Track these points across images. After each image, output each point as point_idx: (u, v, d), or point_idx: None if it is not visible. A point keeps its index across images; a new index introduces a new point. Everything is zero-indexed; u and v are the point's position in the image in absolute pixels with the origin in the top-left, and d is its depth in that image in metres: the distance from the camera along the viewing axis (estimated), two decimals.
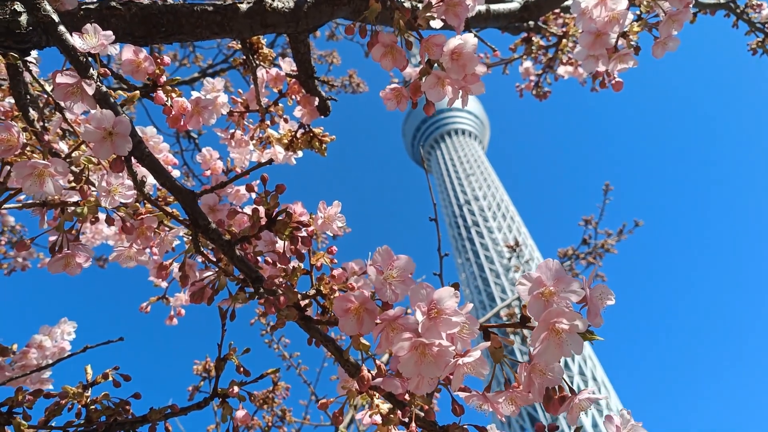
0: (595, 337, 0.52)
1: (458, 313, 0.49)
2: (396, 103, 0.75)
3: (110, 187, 0.65)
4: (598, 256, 3.01)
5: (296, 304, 0.59)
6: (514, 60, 1.81)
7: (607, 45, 0.79)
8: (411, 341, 0.48)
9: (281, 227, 0.61)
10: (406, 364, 0.49)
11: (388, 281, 0.52)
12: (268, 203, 0.61)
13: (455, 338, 0.50)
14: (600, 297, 0.51)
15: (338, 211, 0.82)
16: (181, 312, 1.28)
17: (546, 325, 0.48)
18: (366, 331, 0.52)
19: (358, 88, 3.10)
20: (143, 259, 0.74)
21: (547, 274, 0.49)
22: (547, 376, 0.52)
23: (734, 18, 1.70)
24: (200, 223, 0.63)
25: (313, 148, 1.15)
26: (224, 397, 0.78)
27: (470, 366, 0.50)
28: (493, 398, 0.52)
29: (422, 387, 0.55)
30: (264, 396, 1.61)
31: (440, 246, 1.40)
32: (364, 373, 0.55)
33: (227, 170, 1.17)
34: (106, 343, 1.09)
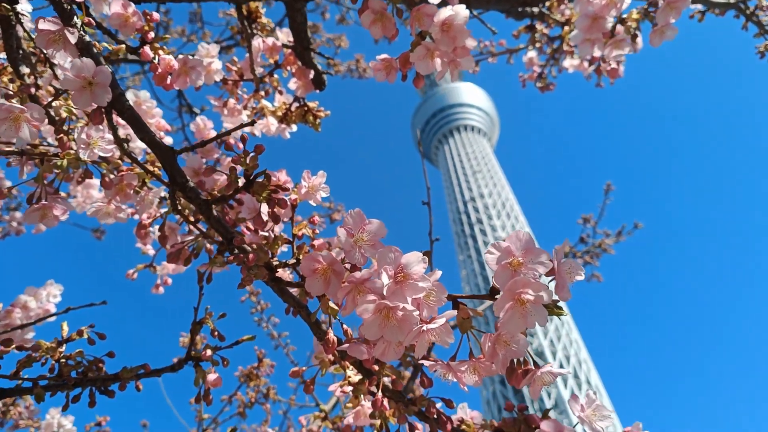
0: (561, 312, 0.52)
1: (425, 279, 0.49)
2: (385, 74, 0.74)
3: (90, 139, 0.65)
4: (595, 255, 3.00)
5: (267, 264, 0.58)
6: (519, 50, 1.79)
7: (603, 29, 0.78)
8: (375, 303, 0.48)
9: (259, 189, 0.61)
10: (369, 327, 0.49)
11: (358, 244, 0.51)
12: (246, 164, 0.61)
13: (422, 304, 0.50)
14: (569, 271, 0.50)
15: (323, 182, 0.82)
16: (167, 281, 1.28)
17: (511, 294, 0.48)
18: (332, 293, 0.52)
19: (365, 73, 3.08)
20: (122, 216, 0.73)
21: (517, 245, 0.49)
22: (512, 348, 0.51)
23: (744, 20, 1.68)
24: (178, 180, 0.62)
25: (307, 123, 1.15)
26: (198, 360, 0.78)
27: (435, 333, 0.50)
28: (456, 367, 0.52)
29: (388, 354, 0.54)
30: (248, 372, 1.62)
31: (431, 230, 1.39)
32: (329, 336, 0.54)
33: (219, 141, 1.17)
34: (89, 306, 1.09)
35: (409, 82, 0.76)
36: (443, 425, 0.62)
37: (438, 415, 0.63)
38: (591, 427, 0.57)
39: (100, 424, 1.74)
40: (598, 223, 2.99)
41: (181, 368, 0.81)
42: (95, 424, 1.75)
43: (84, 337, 0.80)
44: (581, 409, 0.58)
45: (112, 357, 0.79)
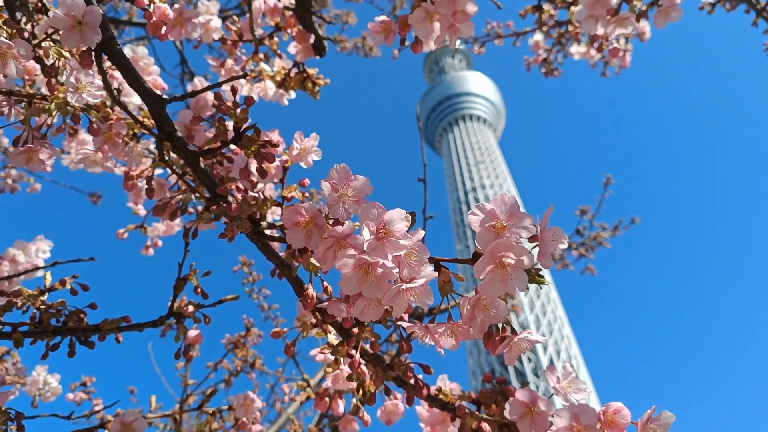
0: (542, 280, 0.51)
1: (407, 237, 0.48)
2: (384, 37, 0.73)
3: (78, 83, 0.64)
4: (590, 248, 3.00)
5: (251, 217, 0.58)
6: (526, 33, 1.77)
7: (607, 5, 0.76)
8: (355, 258, 0.47)
9: (247, 143, 0.60)
10: (348, 282, 0.48)
11: (342, 199, 0.51)
12: (236, 116, 0.60)
13: (402, 263, 0.49)
14: (553, 238, 0.50)
15: (315, 144, 0.81)
16: (158, 243, 1.27)
17: (493, 257, 0.47)
18: (313, 246, 0.51)
19: (371, 51, 3.05)
20: (109, 165, 0.73)
21: (502, 208, 0.48)
22: (491, 313, 0.51)
23: (755, 15, 1.66)
24: (166, 130, 0.61)
25: (306, 90, 1.13)
26: (180, 316, 0.78)
27: (414, 293, 0.49)
28: (434, 329, 0.51)
29: (367, 314, 0.54)
30: (236, 340, 1.62)
31: (425, 207, 1.39)
32: (308, 291, 0.54)
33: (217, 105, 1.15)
34: (76, 261, 1.09)
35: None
36: (419, 390, 0.62)
37: (415, 381, 0.63)
38: (565, 398, 0.57)
39: (86, 384, 1.75)
40: (595, 216, 2.98)
41: (163, 324, 0.81)
42: (80, 384, 1.75)
43: (67, 287, 0.79)
44: (557, 380, 0.58)
45: (94, 308, 0.79)
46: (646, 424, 0.51)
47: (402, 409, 0.83)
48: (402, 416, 0.84)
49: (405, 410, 0.84)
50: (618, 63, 1.84)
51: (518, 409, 0.57)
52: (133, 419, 0.79)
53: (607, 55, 1.78)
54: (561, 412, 0.53)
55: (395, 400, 0.80)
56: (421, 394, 0.62)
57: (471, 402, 0.72)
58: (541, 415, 0.56)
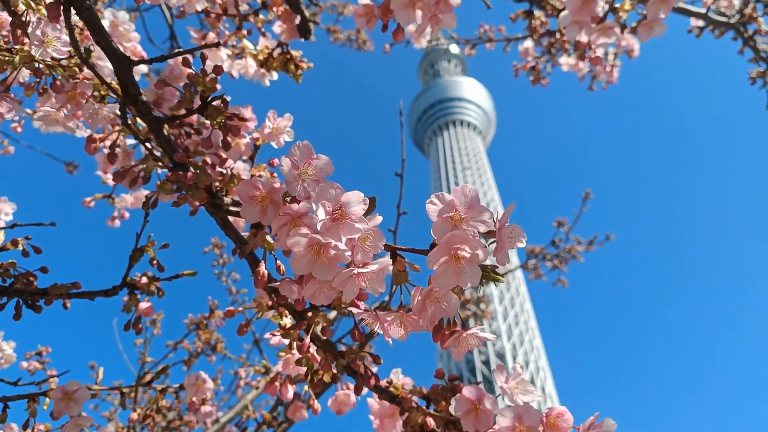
0: (498, 278, 0.51)
1: (363, 221, 0.47)
2: (366, 21, 0.72)
3: (45, 37, 0.61)
4: (564, 261, 3.02)
5: (208, 188, 0.56)
6: (518, 39, 1.77)
7: (593, 12, 0.76)
8: (308, 237, 0.46)
9: (213, 113, 0.58)
10: (298, 261, 0.47)
11: (301, 177, 0.49)
12: (204, 84, 0.58)
13: (357, 248, 0.48)
14: (511, 236, 0.49)
15: (288, 125, 0.80)
16: (125, 214, 1.25)
17: (447, 248, 0.46)
18: (268, 222, 0.50)
19: (364, 45, 3.03)
20: (70, 126, 0.70)
21: (462, 200, 0.47)
22: (442, 306, 0.50)
23: (741, 43, 1.68)
24: (130, 92, 0.60)
25: (288, 72, 1.12)
26: (132, 287, 0.76)
27: (366, 278, 0.49)
28: (383, 317, 0.51)
29: (319, 297, 0.53)
30: (198, 321, 1.60)
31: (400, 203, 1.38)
32: (260, 268, 0.53)
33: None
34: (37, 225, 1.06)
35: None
36: (367, 380, 0.61)
37: (364, 370, 0.62)
38: (511, 399, 0.56)
39: (41, 354, 1.71)
40: (572, 229, 3.01)
41: (115, 294, 0.79)
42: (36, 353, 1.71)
43: (18, 248, 0.77)
44: (505, 380, 0.58)
45: (44, 272, 0.77)
46: (588, 429, 0.51)
47: (353, 400, 0.82)
48: (353, 407, 0.83)
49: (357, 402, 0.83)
50: (605, 78, 1.86)
51: (464, 406, 0.57)
52: (75, 388, 0.77)
53: (595, 69, 1.79)
54: (505, 412, 0.53)
55: (347, 391, 0.79)
56: (369, 384, 0.61)
57: (422, 398, 0.71)
58: (485, 413, 0.56)
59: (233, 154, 0.78)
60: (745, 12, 1.55)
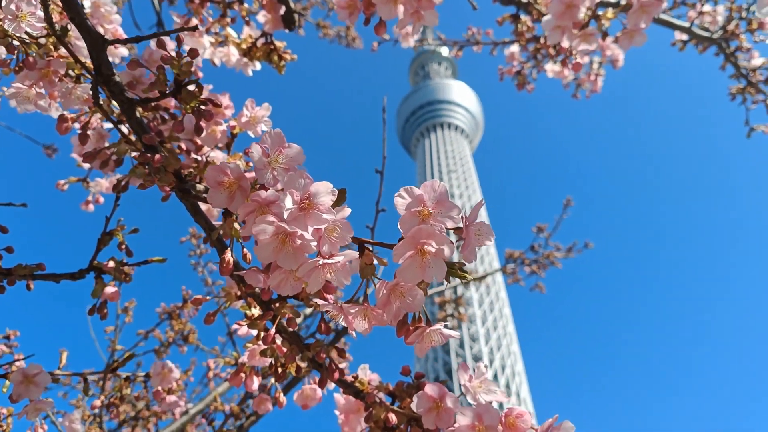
0: (464, 275, 0.51)
1: (331, 212, 0.47)
2: (348, 13, 0.71)
3: (18, 12, 0.60)
4: (543, 267, 3.05)
5: (177, 172, 0.56)
6: (505, 43, 1.78)
7: (575, 18, 0.77)
8: (274, 225, 0.46)
9: (187, 96, 0.57)
10: (263, 249, 0.47)
11: (271, 165, 0.49)
12: (179, 67, 0.58)
13: (323, 239, 0.48)
14: (478, 233, 0.49)
15: (266, 115, 0.79)
16: (99, 199, 1.23)
17: (414, 242, 0.46)
18: (235, 209, 0.49)
19: (353, 42, 3.02)
20: (42, 104, 0.69)
21: (430, 194, 0.47)
22: (407, 300, 0.50)
23: (723, 59, 1.70)
24: (103, 72, 0.59)
25: (271, 63, 1.11)
26: (99, 271, 0.75)
27: (331, 270, 0.48)
28: (347, 309, 0.50)
29: (285, 287, 0.52)
30: (171, 310, 1.58)
31: (379, 200, 1.38)
32: (225, 255, 0.52)
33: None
34: (7, 205, 1.04)
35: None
36: (331, 373, 0.61)
37: (329, 363, 0.62)
38: (474, 398, 0.56)
39: (9, 338, 1.68)
40: (551, 235, 3.03)
41: (82, 277, 0.77)
42: (3, 336, 1.68)
43: None
44: (468, 379, 0.58)
45: (10, 252, 0.75)
46: (546, 431, 0.51)
47: (320, 394, 0.81)
48: (319, 402, 0.83)
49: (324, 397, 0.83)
50: (589, 86, 1.88)
51: (425, 403, 0.57)
52: (36, 372, 0.76)
53: (579, 76, 1.81)
54: (465, 411, 0.53)
55: (313, 385, 0.79)
56: (333, 377, 0.61)
57: (388, 394, 0.71)
58: (447, 411, 0.56)
59: (209, 141, 0.77)
60: (727, 28, 1.58)
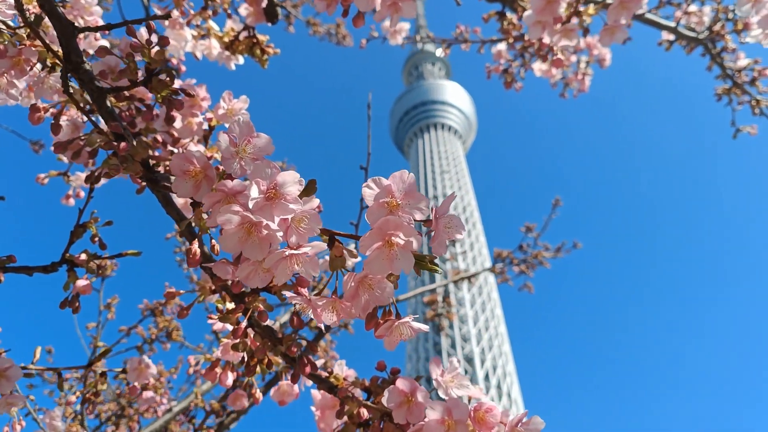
0: (435, 268, 0.50)
1: (298, 202, 0.46)
2: (326, 5, 0.71)
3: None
4: (531, 266, 3.05)
5: (145, 161, 0.55)
6: (494, 41, 1.78)
7: (555, 13, 0.76)
8: (240, 215, 0.45)
9: (158, 85, 0.56)
10: (228, 239, 0.46)
11: (239, 155, 0.48)
12: (150, 57, 0.57)
13: (291, 229, 0.47)
14: (448, 226, 0.48)
15: (244, 108, 0.78)
16: (80, 193, 1.21)
17: (381, 234, 0.46)
18: (200, 198, 0.48)
19: (344, 40, 3.01)
20: (13, 93, 0.68)
21: (399, 186, 0.47)
22: (375, 293, 0.49)
23: (710, 60, 1.71)
24: (73, 59, 0.58)
25: (254, 57, 1.10)
26: (72, 264, 0.74)
27: (299, 261, 0.48)
28: (314, 302, 0.50)
29: (254, 279, 0.51)
30: (153, 307, 1.56)
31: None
32: (192, 247, 0.51)
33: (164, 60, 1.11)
34: None
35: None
36: (302, 367, 0.60)
37: (300, 357, 0.61)
38: (445, 393, 0.56)
39: None
40: (540, 235, 3.03)
41: (54, 270, 0.76)
42: None
43: None
44: (441, 374, 0.57)
45: None
46: (515, 426, 0.51)
47: (297, 390, 0.81)
48: (296, 398, 0.82)
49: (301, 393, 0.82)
50: (577, 86, 1.88)
51: (396, 398, 0.56)
52: (7, 366, 0.74)
53: (567, 75, 1.81)
54: (435, 405, 0.52)
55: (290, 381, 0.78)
56: (304, 371, 0.60)
57: (363, 390, 0.70)
58: (418, 405, 0.55)
59: (185, 133, 0.76)
60: (713, 29, 1.58)
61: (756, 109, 1.74)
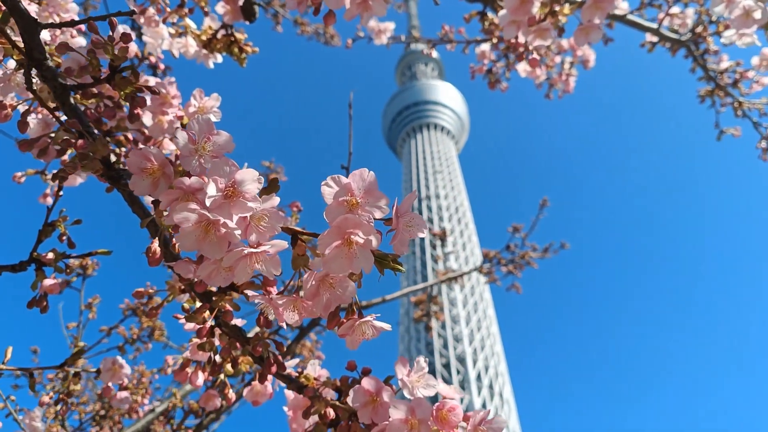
0: (398, 267, 0.50)
1: (256, 200, 0.46)
2: (297, 2, 0.70)
3: None
4: (519, 267, 3.05)
5: (105, 159, 0.54)
6: (479, 41, 1.78)
7: (529, 13, 0.76)
8: (197, 213, 0.45)
9: (121, 82, 0.56)
10: (186, 237, 0.45)
11: (198, 153, 0.48)
12: (113, 53, 0.56)
13: (251, 228, 0.47)
14: (409, 224, 0.48)
15: (216, 106, 0.78)
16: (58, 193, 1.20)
17: (340, 232, 0.45)
18: (158, 196, 0.48)
19: (332, 39, 3.01)
20: None
21: (359, 184, 0.46)
22: (336, 292, 0.49)
23: (693, 62, 1.72)
24: (35, 56, 0.57)
25: (232, 55, 1.09)
26: (40, 263, 0.73)
27: (259, 259, 0.47)
28: (276, 301, 0.49)
29: (216, 278, 0.51)
30: (135, 306, 1.55)
31: None
32: (152, 245, 0.51)
33: (141, 57, 1.10)
34: None
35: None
36: (269, 367, 0.60)
37: (267, 357, 0.61)
38: (411, 392, 0.56)
39: None
40: (528, 235, 3.03)
41: (23, 269, 0.75)
42: None
43: None
44: (407, 374, 0.57)
45: None
46: (478, 425, 0.50)
47: (270, 390, 0.80)
48: (270, 398, 0.81)
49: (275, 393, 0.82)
50: (562, 87, 1.88)
51: (362, 398, 0.56)
52: None
53: (552, 76, 1.81)
54: (399, 405, 0.52)
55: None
56: (270, 371, 0.60)
57: (334, 389, 0.70)
58: (383, 405, 0.55)
59: (155, 131, 0.75)
60: (696, 30, 1.59)
61: (738, 111, 1.75)
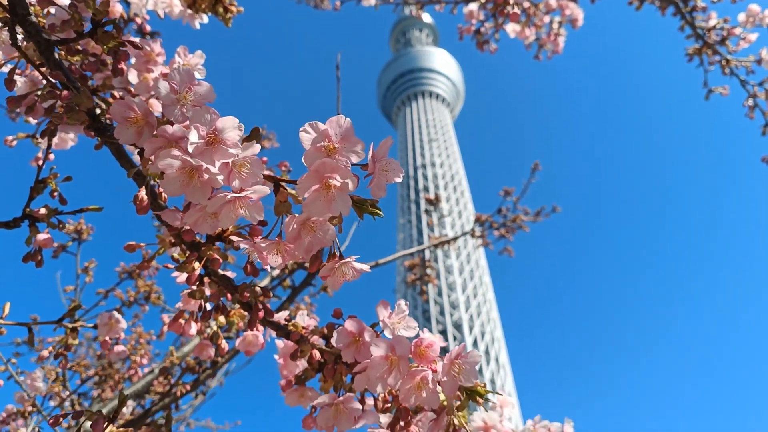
0: (377, 212, 0.52)
1: (238, 146, 0.48)
2: None
3: None
4: (511, 230, 3.09)
5: (90, 111, 0.55)
6: (466, 1, 1.77)
7: None
8: (180, 159, 0.46)
9: (103, 37, 0.57)
10: (170, 183, 0.47)
11: (180, 102, 0.49)
12: (94, 7, 0.57)
13: (233, 174, 0.49)
14: (385, 169, 0.50)
15: (200, 63, 0.79)
16: (50, 156, 1.21)
17: (318, 176, 0.47)
18: (142, 144, 0.50)
19: (322, 3, 2.97)
20: None
21: (336, 130, 0.48)
22: (317, 235, 0.51)
23: (681, 20, 1.72)
24: (18, 12, 0.58)
25: (217, 15, 1.09)
26: (33, 219, 0.75)
27: (242, 204, 0.49)
28: (259, 244, 0.51)
29: (202, 226, 0.53)
30: (130, 269, 1.58)
31: None
32: (139, 193, 0.53)
33: (126, 19, 1.10)
34: None
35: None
36: (256, 312, 0.63)
37: (254, 303, 0.63)
38: (391, 333, 0.58)
39: None
40: (519, 199, 3.06)
41: (17, 225, 0.77)
42: None
43: None
44: (388, 316, 0.60)
45: None
46: (455, 359, 0.53)
47: (262, 340, 0.83)
48: (262, 348, 0.84)
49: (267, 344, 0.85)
50: (551, 47, 1.88)
51: (345, 339, 0.58)
52: None
53: (541, 37, 1.81)
54: (379, 342, 0.55)
55: (257, 332, 0.81)
56: (257, 316, 0.63)
57: (322, 336, 0.73)
58: (365, 345, 0.58)
59: (141, 89, 0.76)
60: None
61: (726, 69, 1.76)
